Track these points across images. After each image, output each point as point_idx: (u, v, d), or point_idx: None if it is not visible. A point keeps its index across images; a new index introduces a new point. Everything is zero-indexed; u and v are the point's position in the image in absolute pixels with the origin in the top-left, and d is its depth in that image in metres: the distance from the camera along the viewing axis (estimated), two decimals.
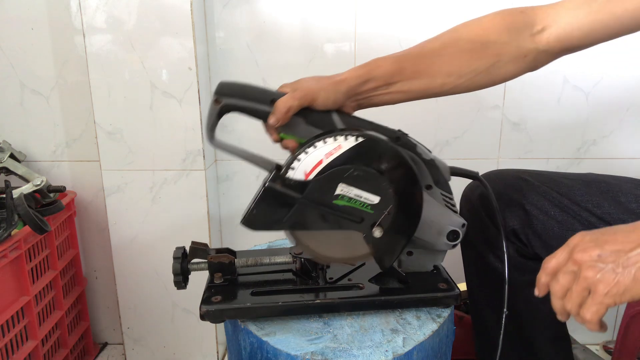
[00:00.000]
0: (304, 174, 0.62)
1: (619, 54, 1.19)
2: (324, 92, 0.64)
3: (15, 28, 1.19)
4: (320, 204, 0.63)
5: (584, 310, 0.50)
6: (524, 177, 0.80)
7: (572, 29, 0.67)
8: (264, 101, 0.64)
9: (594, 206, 0.74)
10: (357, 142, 0.62)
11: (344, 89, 0.65)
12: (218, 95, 0.64)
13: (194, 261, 0.72)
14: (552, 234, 0.76)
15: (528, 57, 0.69)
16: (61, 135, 1.26)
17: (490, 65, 0.69)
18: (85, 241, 1.34)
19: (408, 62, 0.68)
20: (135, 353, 1.33)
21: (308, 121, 0.65)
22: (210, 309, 0.66)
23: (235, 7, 1.19)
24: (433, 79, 0.69)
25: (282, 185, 0.62)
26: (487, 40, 0.68)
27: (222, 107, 0.64)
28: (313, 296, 0.69)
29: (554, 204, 0.76)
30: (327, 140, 0.62)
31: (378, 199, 0.64)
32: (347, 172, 0.62)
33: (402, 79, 0.68)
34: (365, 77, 0.66)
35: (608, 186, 0.75)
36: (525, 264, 0.80)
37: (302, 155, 0.62)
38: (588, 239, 0.51)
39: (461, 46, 0.69)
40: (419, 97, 0.70)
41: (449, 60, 0.68)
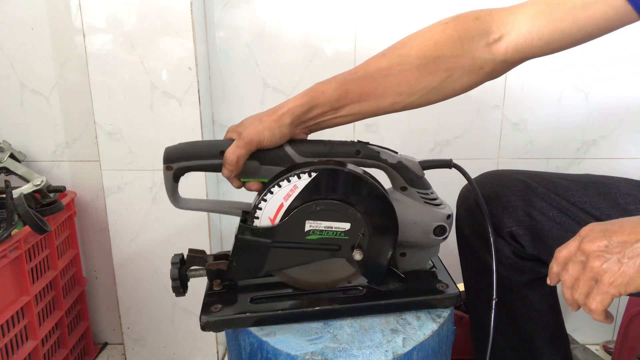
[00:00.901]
0: (269, 219, 0.63)
1: (619, 54, 1.19)
2: (268, 132, 0.63)
3: (15, 28, 1.19)
4: (294, 244, 0.64)
5: (589, 300, 0.50)
6: (521, 179, 0.80)
7: (533, 38, 0.62)
8: (213, 155, 0.65)
9: (592, 207, 0.74)
10: (311, 177, 0.62)
11: (288, 121, 0.64)
12: (167, 162, 0.65)
13: (192, 268, 0.72)
14: (550, 235, 0.76)
15: (484, 68, 0.65)
16: (61, 135, 1.26)
17: (442, 81, 0.66)
18: (85, 241, 1.34)
19: (353, 85, 0.65)
20: (135, 353, 1.33)
21: (263, 162, 0.66)
22: (211, 320, 0.66)
23: (235, 7, 1.19)
24: (382, 99, 0.66)
25: (251, 235, 0.64)
26: (438, 55, 0.64)
27: (176, 172, 0.65)
28: (313, 301, 0.69)
29: (552, 205, 0.76)
30: (281, 184, 0.62)
31: (348, 225, 0.64)
32: (310, 209, 0.63)
33: (348, 102, 0.65)
34: (309, 105, 0.64)
35: (606, 187, 0.75)
36: (522, 264, 0.80)
37: (262, 203, 0.63)
38: (597, 229, 0.51)
39: (410, 63, 0.65)
40: (370, 116, 0.69)
41: (398, 80, 0.65)
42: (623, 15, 0.59)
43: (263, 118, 0.64)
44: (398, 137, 1.25)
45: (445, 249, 0.78)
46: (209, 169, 0.66)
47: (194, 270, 0.72)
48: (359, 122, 1.25)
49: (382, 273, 0.69)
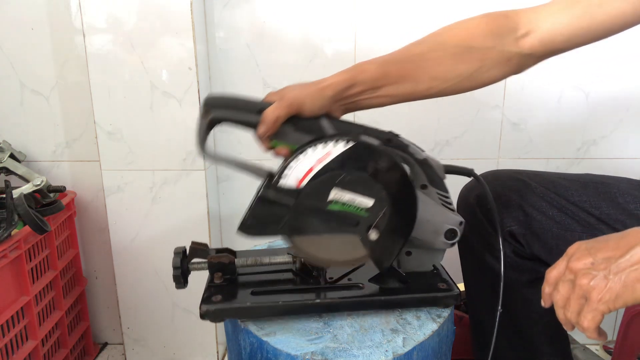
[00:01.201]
0: (296, 181, 0.62)
1: (619, 53, 1.19)
2: (310, 99, 0.64)
3: (15, 28, 1.19)
4: (314, 210, 0.64)
5: (581, 318, 0.51)
6: (521, 178, 0.80)
7: (555, 33, 0.67)
8: (252, 111, 0.64)
9: (592, 207, 0.74)
10: (347, 147, 0.62)
11: (329, 94, 0.65)
12: (206, 107, 0.64)
13: (194, 261, 0.72)
14: (551, 234, 0.76)
15: (512, 61, 0.69)
16: (61, 135, 1.26)
17: (475, 70, 0.69)
18: (85, 241, 1.34)
19: (393, 67, 0.68)
20: (135, 353, 1.33)
21: (297, 128, 0.65)
22: (211, 309, 0.66)
23: (235, 7, 1.19)
24: (418, 83, 0.68)
25: (275, 193, 0.63)
26: (472, 45, 0.68)
27: (211, 120, 0.65)
28: (313, 296, 0.69)
29: (552, 204, 0.76)
30: (317, 147, 0.62)
31: (372, 202, 0.64)
32: (338, 177, 0.62)
33: (387, 83, 0.67)
34: (350, 82, 0.66)
35: (606, 187, 0.75)
36: (522, 264, 0.80)
37: (293, 163, 0.62)
38: (583, 247, 0.52)
39: (447, 50, 0.68)
40: (405, 100, 0.70)
41: (435, 65, 0.68)
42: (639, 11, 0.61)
43: (307, 87, 0.65)
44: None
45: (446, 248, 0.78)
46: (244, 124, 0.65)
47: (196, 263, 0.72)
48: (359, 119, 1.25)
49: (390, 260, 0.69)
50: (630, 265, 0.48)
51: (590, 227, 0.73)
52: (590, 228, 0.73)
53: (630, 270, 0.47)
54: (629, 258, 0.48)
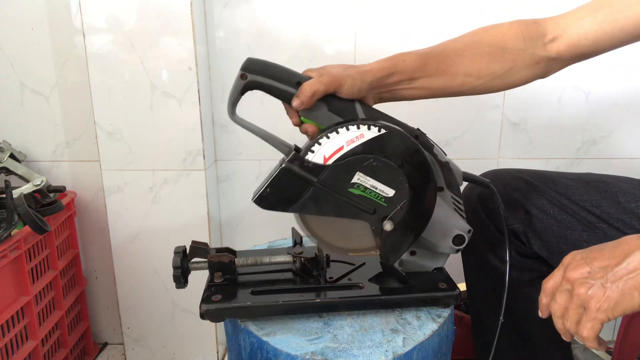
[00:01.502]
0: (323, 158, 0.62)
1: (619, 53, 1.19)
2: (350, 80, 0.64)
3: (15, 28, 1.19)
4: (335, 191, 0.63)
5: (580, 328, 0.51)
6: (523, 177, 0.81)
7: (580, 38, 0.69)
8: (290, 83, 0.64)
9: (593, 206, 0.74)
10: (380, 133, 0.62)
11: (369, 79, 0.66)
12: (245, 71, 0.63)
13: (194, 260, 0.72)
14: (552, 233, 0.76)
15: (540, 64, 0.72)
16: (61, 135, 1.26)
17: (507, 70, 0.71)
18: (85, 241, 1.34)
19: (431, 59, 0.69)
20: (135, 353, 1.33)
21: (331, 108, 0.65)
22: (210, 308, 0.66)
23: (235, 7, 1.19)
24: (453, 77, 0.70)
25: (299, 167, 0.62)
26: (505, 46, 0.71)
27: (247, 84, 0.64)
28: (313, 295, 0.69)
29: (553, 203, 0.76)
30: (350, 128, 0.62)
31: (393, 192, 0.64)
32: (366, 161, 0.62)
33: (424, 75, 0.69)
34: (390, 70, 0.67)
35: (607, 186, 0.76)
36: (524, 262, 0.80)
37: (324, 140, 0.62)
38: (579, 257, 0.53)
39: (481, 49, 0.71)
40: (438, 94, 0.72)
41: (470, 62, 0.70)
42: None
43: (349, 68, 0.66)
44: None
45: None
46: (280, 93, 0.65)
47: (196, 262, 0.72)
48: None
49: (397, 255, 0.69)
50: (627, 273, 0.48)
51: (591, 226, 0.73)
52: (591, 227, 0.73)
53: (628, 278, 0.48)
54: (626, 266, 0.48)
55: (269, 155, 1.29)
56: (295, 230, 0.80)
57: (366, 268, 0.76)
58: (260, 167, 1.29)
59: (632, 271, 0.48)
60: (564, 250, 0.75)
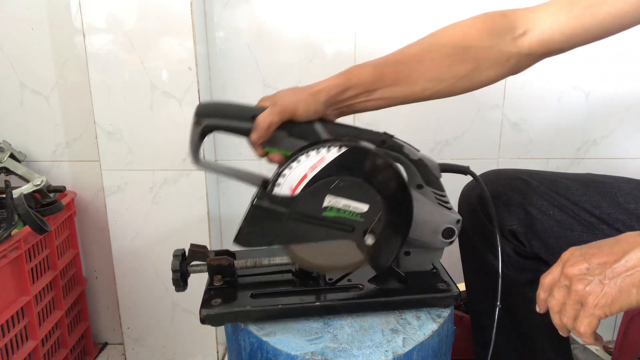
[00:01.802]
0: (290, 189, 0.62)
1: (619, 53, 1.19)
2: (303, 104, 0.64)
3: (15, 28, 1.19)
4: (310, 217, 0.63)
5: (577, 324, 0.51)
6: (522, 177, 0.80)
7: (554, 32, 0.66)
8: (245, 118, 0.64)
9: (593, 206, 0.74)
10: (340, 152, 0.61)
11: (323, 99, 0.65)
12: (198, 117, 0.64)
13: (193, 263, 0.72)
14: (551, 233, 0.76)
15: (510, 61, 0.68)
16: (61, 135, 1.26)
17: (472, 70, 0.68)
18: (85, 241, 1.34)
19: (388, 69, 0.67)
20: (135, 353, 1.33)
21: (291, 134, 0.65)
22: (210, 313, 0.66)
23: (235, 7, 1.19)
24: (414, 85, 0.68)
25: (269, 202, 0.63)
26: (468, 45, 0.67)
27: (204, 128, 0.64)
28: (313, 298, 0.69)
29: (553, 204, 0.76)
30: (310, 154, 0.61)
31: (367, 206, 0.64)
32: (332, 183, 0.62)
33: (382, 86, 0.67)
34: (344, 86, 0.65)
35: (606, 186, 0.75)
36: (523, 263, 0.80)
37: (287, 171, 0.62)
38: (577, 253, 0.52)
39: (442, 51, 0.68)
40: (401, 102, 0.70)
41: (430, 66, 0.67)
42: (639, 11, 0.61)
43: (299, 91, 0.65)
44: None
45: (446, 248, 0.78)
46: (237, 131, 0.65)
47: (195, 265, 0.72)
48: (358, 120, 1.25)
49: (388, 264, 0.69)
50: (625, 270, 0.48)
51: (590, 227, 0.73)
52: (590, 227, 0.73)
53: (626, 275, 0.48)
54: (624, 263, 0.48)
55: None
56: None
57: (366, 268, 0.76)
58: (260, 167, 1.29)
59: (631, 268, 0.48)
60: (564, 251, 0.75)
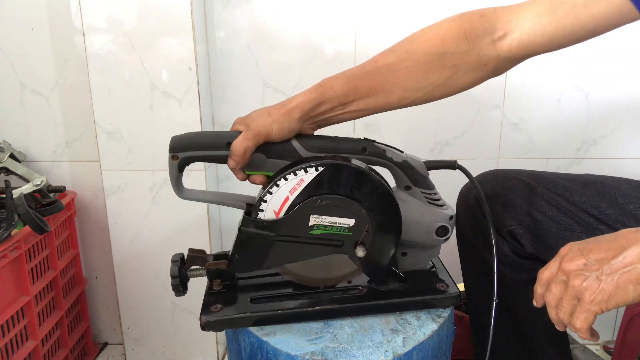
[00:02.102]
0: (274, 213, 0.63)
1: (619, 53, 1.19)
2: (277, 125, 0.63)
3: (15, 28, 1.18)
4: (297, 237, 0.64)
5: (573, 319, 0.51)
6: (521, 178, 0.80)
7: (535, 35, 0.64)
8: (220, 146, 0.64)
9: (592, 207, 0.74)
10: (318, 172, 0.62)
11: (297, 116, 0.64)
12: (173, 152, 0.65)
13: (192, 268, 0.72)
14: (550, 234, 0.76)
15: (489, 65, 0.67)
16: (61, 135, 1.26)
17: (448, 77, 0.67)
18: (85, 241, 1.34)
19: (362, 80, 0.66)
20: (135, 353, 1.33)
21: (269, 154, 0.65)
22: (211, 320, 0.66)
23: (235, 7, 1.19)
24: (390, 94, 0.67)
25: (255, 228, 0.63)
26: (445, 52, 0.65)
27: (181, 162, 0.65)
28: (313, 301, 0.69)
29: (552, 204, 0.76)
30: (288, 177, 0.62)
31: (353, 221, 0.64)
32: (315, 203, 0.63)
33: (357, 97, 0.66)
34: (317, 101, 0.65)
35: (605, 187, 0.75)
36: (522, 263, 0.80)
37: (268, 196, 0.63)
38: (575, 248, 0.52)
39: (417, 59, 0.66)
40: (378, 112, 0.69)
41: (406, 75, 0.66)
42: (624, 13, 0.59)
43: (272, 111, 0.64)
44: (398, 137, 1.25)
45: (445, 248, 0.78)
46: (215, 159, 0.65)
47: (194, 270, 0.72)
48: (358, 121, 1.25)
49: (384, 271, 0.69)
50: (623, 267, 0.48)
51: (589, 228, 0.73)
52: (589, 228, 0.73)
53: (623, 272, 0.48)
54: (622, 259, 0.48)
55: None
56: None
57: None
58: None
59: (628, 265, 0.48)
60: None
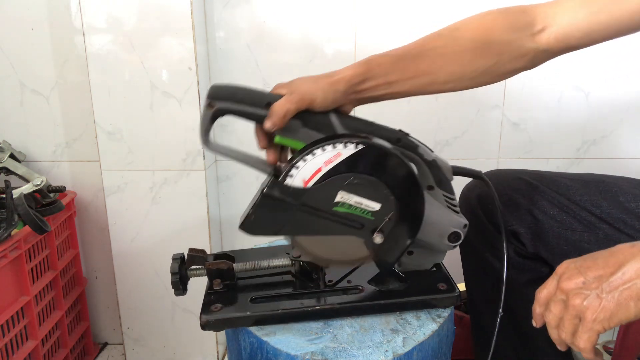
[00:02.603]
0: (303, 181, 0.61)
1: (619, 54, 1.19)
2: (322, 93, 0.62)
3: (15, 28, 1.19)
4: (320, 211, 0.62)
5: (576, 339, 0.50)
6: (523, 177, 0.80)
7: (572, 29, 0.66)
8: (259, 104, 0.62)
9: (593, 206, 0.74)
10: (357, 149, 0.60)
11: (342, 88, 0.64)
12: (211, 99, 0.63)
13: (192, 267, 0.72)
14: (552, 233, 0.76)
15: (527, 56, 0.69)
16: (61, 135, 1.26)
17: (492, 64, 0.68)
18: (85, 241, 1.34)
19: (409, 61, 0.66)
20: (135, 353, 1.33)
21: (305, 124, 0.64)
22: (211, 319, 0.66)
23: (235, 7, 1.19)
24: (435, 77, 0.67)
25: (280, 192, 0.61)
26: (490, 40, 0.67)
27: (216, 111, 0.63)
28: (313, 301, 0.69)
29: (553, 203, 0.76)
30: (326, 148, 0.60)
31: (379, 205, 0.63)
32: (346, 180, 0.61)
33: (402, 78, 0.66)
34: (364, 76, 0.64)
35: (607, 185, 0.75)
36: (523, 263, 0.80)
37: (301, 163, 0.61)
38: (573, 266, 0.52)
39: (464, 45, 0.68)
40: (420, 94, 0.70)
41: (452, 59, 0.67)
42: None
43: (318, 79, 0.64)
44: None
45: None
46: (250, 117, 0.63)
47: (194, 269, 0.72)
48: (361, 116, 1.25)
49: (392, 262, 0.69)
50: (622, 283, 0.47)
51: (591, 226, 0.73)
52: (591, 227, 0.73)
53: (623, 289, 0.47)
54: (621, 276, 0.47)
55: None
56: None
57: (365, 269, 0.76)
58: None
59: (628, 281, 0.47)
60: (565, 251, 0.75)
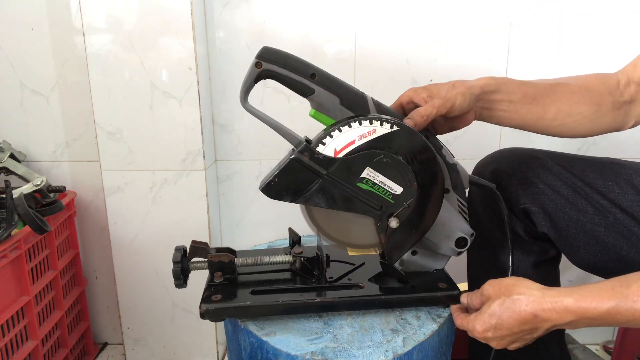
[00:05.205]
0: (334, 151, 0.62)
1: (619, 54, 1.19)
2: (461, 97, 0.68)
3: (15, 28, 1.19)
4: (344, 184, 0.63)
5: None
6: (538, 156, 0.81)
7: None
8: (305, 74, 0.64)
9: (607, 190, 0.74)
10: (392, 129, 0.62)
11: (476, 93, 0.70)
12: (260, 59, 0.65)
13: (194, 260, 0.72)
14: (563, 214, 0.76)
15: (620, 110, 0.76)
16: (61, 135, 1.26)
17: (594, 112, 0.74)
18: (85, 241, 1.34)
19: (530, 89, 0.74)
20: (135, 353, 1.33)
21: (343, 102, 0.66)
22: (210, 308, 0.66)
23: (235, 7, 1.19)
24: (547, 110, 0.74)
25: (309, 158, 0.62)
26: (591, 89, 0.75)
27: (262, 72, 0.65)
28: (313, 295, 0.69)
29: (567, 184, 0.76)
30: (362, 122, 0.62)
31: (401, 189, 0.64)
32: (376, 157, 0.62)
33: (523, 101, 0.73)
34: (495, 87, 0.71)
35: (622, 168, 0.76)
36: (532, 244, 0.81)
37: (335, 132, 0.62)
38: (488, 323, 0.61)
39: (571, 89, 0.75)
40: (529, 125, 0.76)
41: (562, 98, 0.74)
42: None
43: (456, 84, 0.69)
44: None
45: None
46: (294, 84, 0.65)
47: (196, 262, 0.72)
48: None
49: (400, 254, 0.69)
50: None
51: (602, 210, 0.73)
52: (602, 211, 0.73)
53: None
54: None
55: (269, 155, 1.29)
56: (292, 230, 0.80)
57: (366, 268, 0.76)
58: (260, 167, 1.29)
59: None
60: (573, 234, 0.75)
